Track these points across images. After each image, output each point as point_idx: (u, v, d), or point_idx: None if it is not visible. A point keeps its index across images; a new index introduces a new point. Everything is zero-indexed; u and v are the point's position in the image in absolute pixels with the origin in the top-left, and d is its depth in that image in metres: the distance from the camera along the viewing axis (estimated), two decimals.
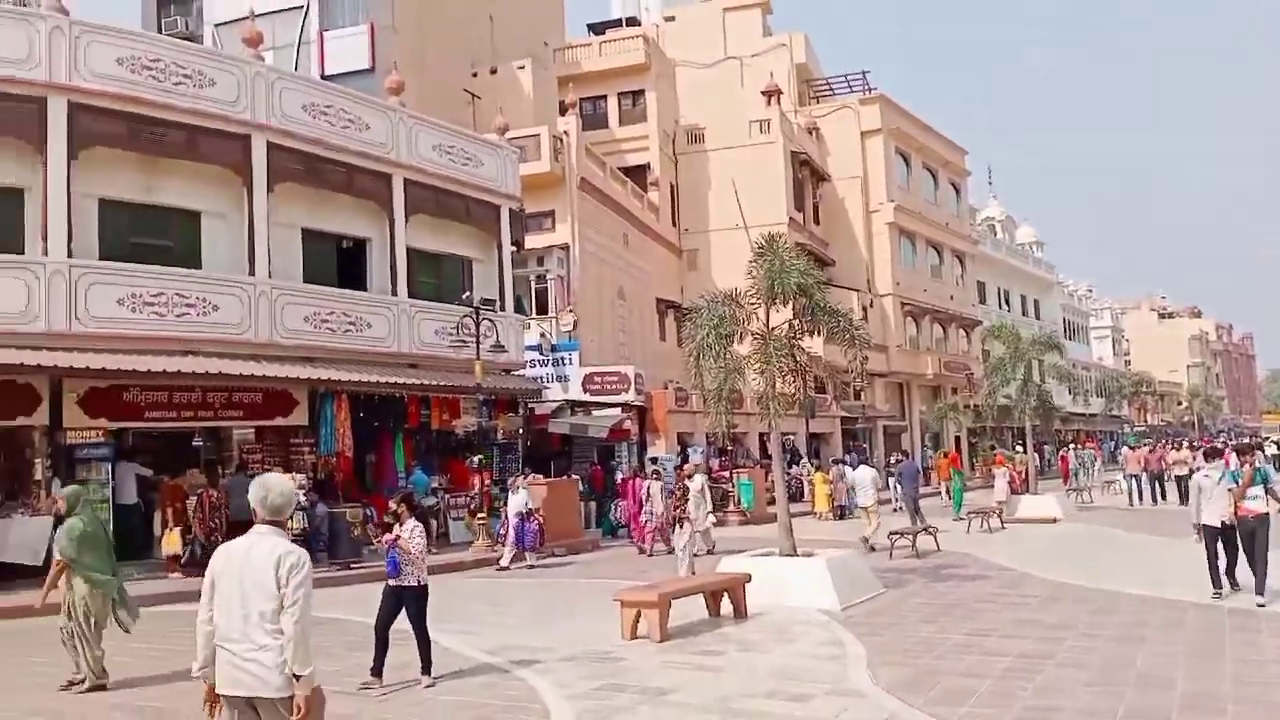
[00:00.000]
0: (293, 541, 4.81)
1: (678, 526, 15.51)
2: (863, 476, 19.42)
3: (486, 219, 24.27)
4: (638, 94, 39.40)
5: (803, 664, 9.14)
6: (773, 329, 13.61)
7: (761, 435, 33.12)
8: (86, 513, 9.20)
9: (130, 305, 16.93)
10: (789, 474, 26.04)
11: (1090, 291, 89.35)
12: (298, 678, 4.35)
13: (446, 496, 21.47)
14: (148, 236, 17.97)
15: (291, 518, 14.71)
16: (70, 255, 16.44)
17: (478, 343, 20.53)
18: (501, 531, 18.95)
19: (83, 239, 16.83)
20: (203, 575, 4.74)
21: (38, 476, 16.14)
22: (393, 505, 9.36)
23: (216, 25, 29.36)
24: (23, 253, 16.27)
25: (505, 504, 19.04)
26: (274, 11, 28.68)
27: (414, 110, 22.91)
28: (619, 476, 25.22)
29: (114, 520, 16.68)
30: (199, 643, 4.61)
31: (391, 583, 8.74)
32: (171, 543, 16.31)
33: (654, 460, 26.47)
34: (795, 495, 28.43)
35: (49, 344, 15.93)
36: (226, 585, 4.54)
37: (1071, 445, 46.64)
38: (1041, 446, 43.86)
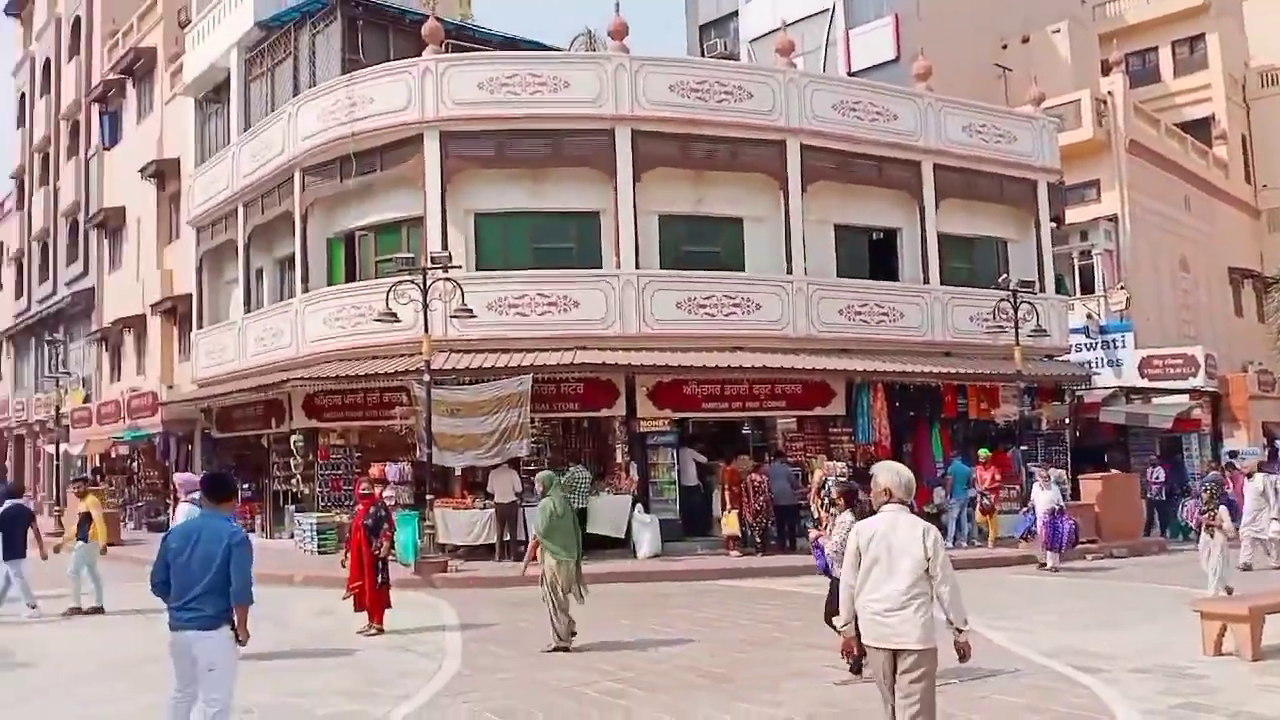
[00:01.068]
0: None
1: (1205, 535, 13.31)
2: None
3: (1022, 196, 23.00)
4: (1196, 39, 34.89)
5: None
6: None
7: None
8: (557, 495, 10.23)
9: (687, 308, 18.74)
10: None
11: None
12: (960, 630, 5.26)
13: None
14: (698, 244, 19.75)
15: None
16: (637, 266, 18.63)
17: (1016, 328, 19.61)
18: (1024, 532, 17.64)
19: (646, 251, 18.95)
20: (753, 555, 5.32)
21: (618, 460, 18.54)
22: (834, 494, 9.17)
23: (751, 41, 31.33)
24: (601, 267, 18.81)
25: (1031, 499, 17.70)
26: (802, 19, 29.88)
27: (941, 93, 22.42)
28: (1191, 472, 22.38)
29: (679, 499, 18.69)
30: (843, 602, 5.53)
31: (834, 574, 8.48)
32: (730, 524, 17.73)
33: (1232, 454, 23.13)
34: None
35: (624, 345, 18.20)
36: (873, 556, 5.27)
37: None
38: None
